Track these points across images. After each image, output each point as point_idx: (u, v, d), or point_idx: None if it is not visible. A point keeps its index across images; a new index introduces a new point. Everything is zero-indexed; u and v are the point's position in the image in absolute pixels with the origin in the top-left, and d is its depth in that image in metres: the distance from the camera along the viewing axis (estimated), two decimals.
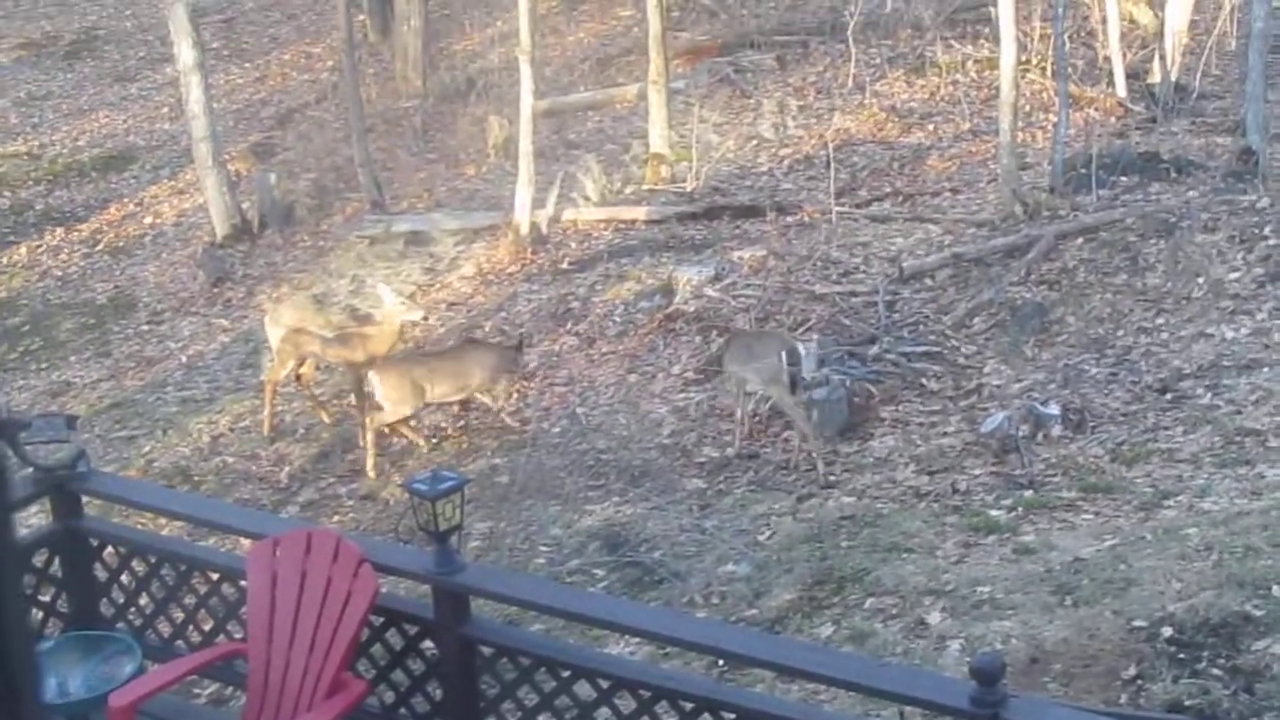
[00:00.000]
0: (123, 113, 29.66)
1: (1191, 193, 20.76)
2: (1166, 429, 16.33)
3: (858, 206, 22.34)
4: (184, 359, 21.59)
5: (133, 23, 30.06)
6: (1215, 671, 12.25)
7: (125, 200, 26.91)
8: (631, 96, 26.41)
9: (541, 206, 22.54)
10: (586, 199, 23.19)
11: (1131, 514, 14.82)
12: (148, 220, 26.35)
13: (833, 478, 16.33)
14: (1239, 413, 16.33)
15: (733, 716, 8.19)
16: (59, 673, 9.17)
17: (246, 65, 30.16)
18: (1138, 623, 12.90)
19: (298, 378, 19.05)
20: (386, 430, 18.13)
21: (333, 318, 19.14)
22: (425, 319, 19.09)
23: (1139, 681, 12.29)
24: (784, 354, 16.85)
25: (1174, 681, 12.18)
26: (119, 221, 26.29)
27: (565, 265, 21.67)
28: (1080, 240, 19.89)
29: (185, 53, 25.03)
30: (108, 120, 29.61)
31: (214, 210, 24.91)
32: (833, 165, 22.98)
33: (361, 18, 28.87)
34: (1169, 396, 16.90)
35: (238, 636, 9.64)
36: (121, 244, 25.64)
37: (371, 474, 17.75)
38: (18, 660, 1.04)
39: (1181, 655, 12.47)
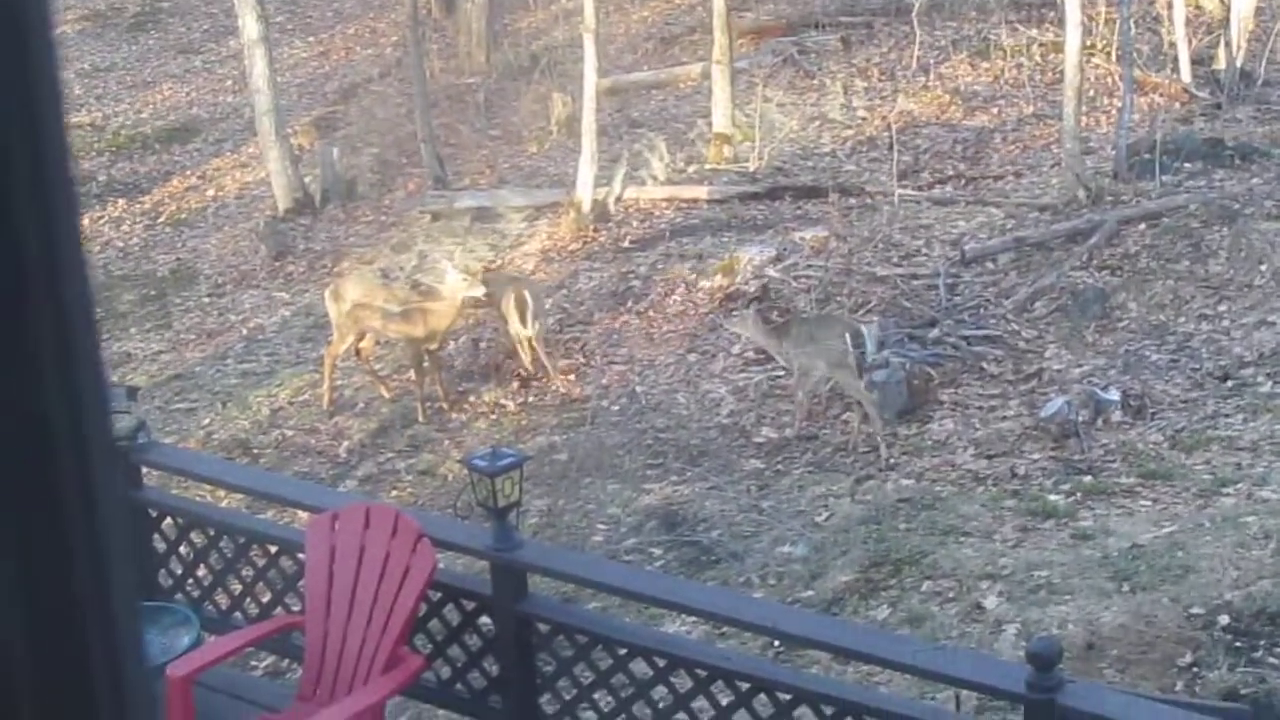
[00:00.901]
0: (186, 85, 29.75)
1: (1255, 180, 20.69)
2: (1227, 416, 16.28)
3: (920, 189, 22.31)
4: (244, 332, 21.64)
5: None
6: (1272, 660, 12.23)
7: (188, 173, 26.99)
8: (695, 75, 26.41)
9: (604, 184, 22.54)
10: (653, 178, 23.19)
11: (1190, 501, 14.78)
12: (210, 193, 26.42)
13: (891, 460, 16.30)
14: None
15: (788, 697, 8.20)
16: None
17: (310, 39, 30.22)
18: (1195, 610, 12.87)
19: (357, 352, 19.08)
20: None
21: (395, 292, 19.14)
22: (488, 295, 19.09)
23: (1195, 669, 12.28)
24: (848, 336, 16.84)
25: (1230, 670, 12.15)
26: (181, 194, 26.38)
27: (627, 243, 21.68)
28: (1143, 226, 19.84)
29: (250, 26, 25.08)
30: (171, 93, 29.71)
31: (276, 184, 24.95)
32: (896, 147, 22.94)
33: None
34: (1229, 384, 16.85)
35: (295, 609, 9.68)
36: (183, 216, 25.72)
37: (558, 377, 18.03)
38: (124, 622, 1.07)
39: (1238, 643, 12.45)
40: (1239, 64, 24.18)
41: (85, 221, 25.23)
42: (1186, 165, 21.22)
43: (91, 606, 1.07)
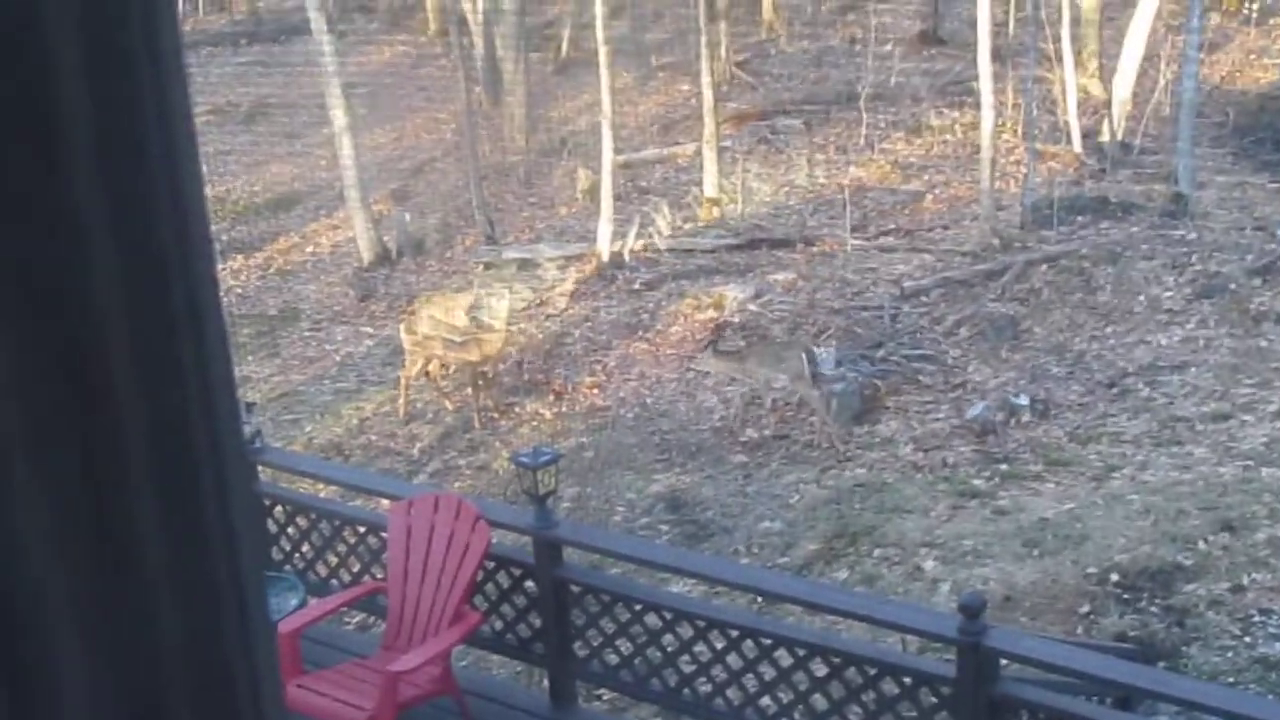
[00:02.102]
0: (289, 164, 29.78)
1: (1134, 229, 20.69)
2: (1114, 416, 16.30)
3: (868, 239, 22.30)
4: (337, 359, 21.66)
5: (297, 93, 30.18)
6: (1153, 609, 12.22)
7: (291, 234, 27.01)
8: (690, 152, 26.40)
9: (621, 239, 22.56)
10: (658, 233, 23.18)
11: (1086, 483, 14.80)
12: (309, 250, 26.44)
13: (846, 453, 16.31)
14: (1172, 403, 16.31)
15: (769, 642, 8.18)
16: None
17: (387, 127, 30.23)
18: (1091, 570, 12.87)
19: (427, 374, 19.09)
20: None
21: (456, 325, 19.16)
22: (532, 327, 19.10)
23: (1092, 616, 12.27)
24: (804, 356, 16.97)
25: (1120, 617, 12.15)
26: (286, 251, 26.40)
27: (638, 285, 21.68)
28: (1045, 266, 19.84)
29: (339, 117, 25.11)
30: (277, 170, 29.73)
31: (361, 242, 24.99)
32: (848, 207, 22.94)
33: (477, 90, 28.89)
34: (1116, 390, 16.86)
35: (379, 577, 9.67)
36: (288, 268, 25.73)
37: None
38: (253, 590, 1.06)
39: (1126, 596, 12.45)
40: (1120, 137, 24.19)
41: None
42: (1079, 218, 21.23)
43: (226, 579, 1.06)
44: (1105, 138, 24.27)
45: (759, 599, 11.63)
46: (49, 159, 0.91)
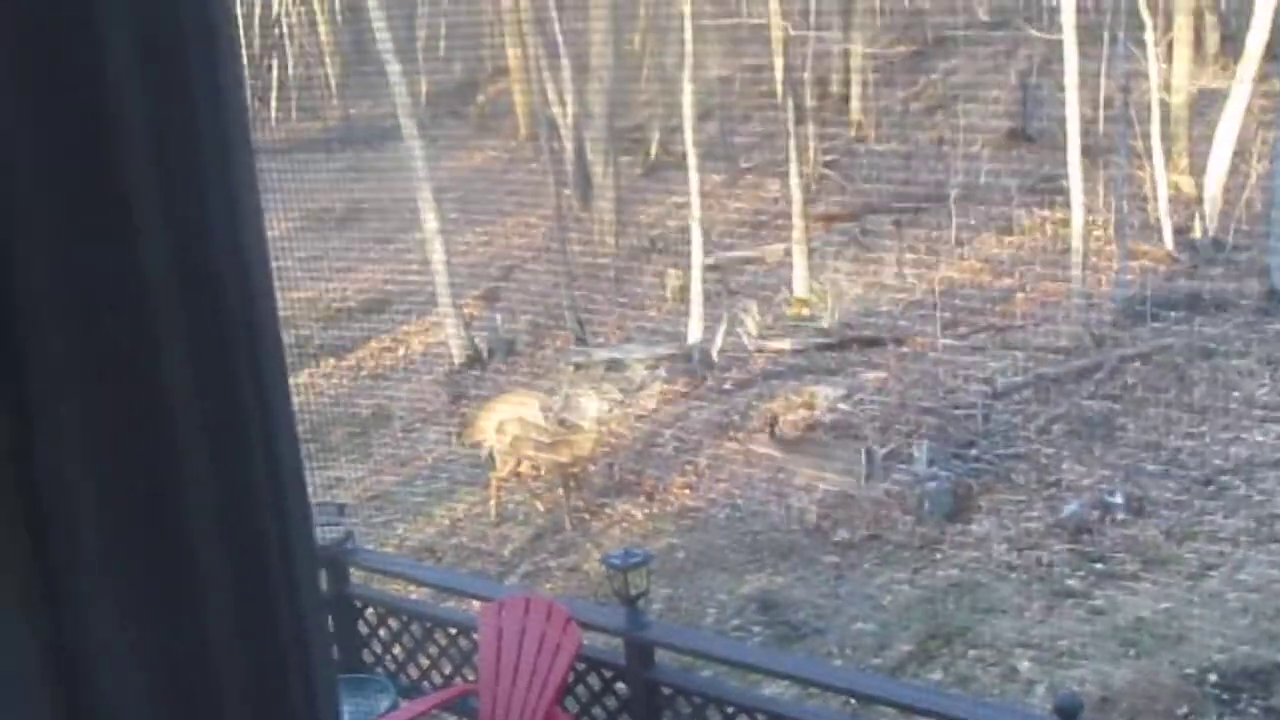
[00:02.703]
0: (381, 267, 29.98)
1: (1227, 325, 20.55)
2: (1210, 514, 16.14)
3: (959, 338, 22.22)
4: (429, 460, 21.72)
5: (389, 198, 30.41)
6: (1253, 711, 12.07)
7: (383, 336, 27.17)
8: (779, 253, 26.42)
9: (711, 339, 22.58)
10: (748, 334, 23.18)
11: (1182, 582, 14.65)
12: (400, 352, 26.57)
13: (939, 554, 16.22)
14: (1269, 500, 16.15)
15: None
16: None
17: (478, 230, 30.42)
18: (1188, 670, 12.72)
19: (518, 475, 19.12)
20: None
21: (547, 427, 19.23)
22: (623, 428, 19.15)
23: (1190, 718, 12.11)
24: (864, 453, 17.14)
25: (1219, 718, 11.99)
26: (378, 353, 26.54)
27: (728, 385, 21.67)
28: (1138, 363, 19.73)
29: (430, 221, 25.32)
30: (370, 273, 29.95)
31: (453, 344, 25.11)
32: (939, 305, 22.89)
33: (567, 192, 29.05)
34: (1211, 488, 16.71)
35: (471, 679, 9.67)
36: (380, 370, 25.86)
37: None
38: (323, 689, 1.06)
39: (1225, 697, 12.30)
40: (1211, 233, 24.06)
41: (305, 376, 25.49)
42: (1171, 314, 21.09)
43: (296, 677, 1.07)
44: (1197, 234, 24.14)
45: (852, 701, 11.54)
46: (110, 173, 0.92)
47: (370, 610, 10.54)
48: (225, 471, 0.99)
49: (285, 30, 38.48)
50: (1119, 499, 16.50)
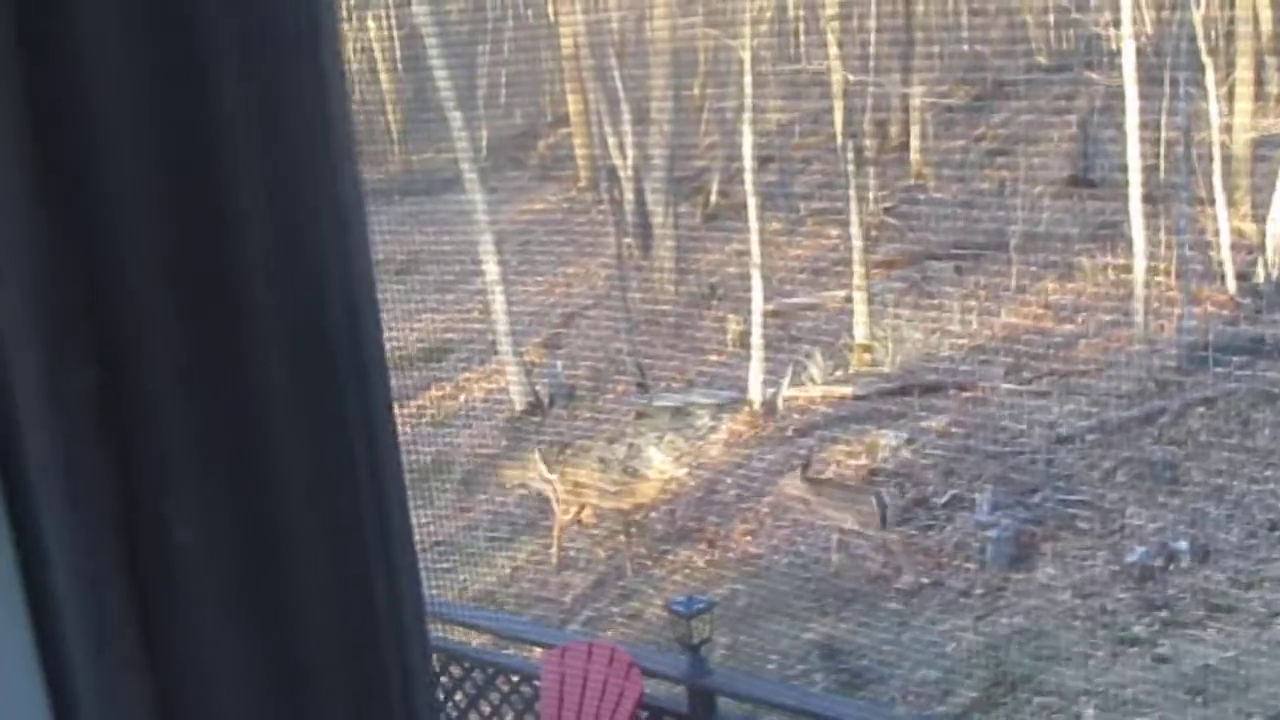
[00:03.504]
0: (442, 315, 30.09)
1: None
2: (1276, 560, 16.03)
3: (1022, 384, 22.16)
4: (490, 507, 21.77)
5: (450, 246, 30.53)
6: None
7: (444, 383, 27.24)
8: (840, 299, 26.41)
9: (772, 386, 22.58)
10: (811, 379, 23.17)
11: (1249, 629, 14.56)
12: (461, 399, 26.65)
13: (1003, 601, 16.16)
14: None
15: None
16: None
17: (539, 278, 30.53)
18: (1256, 718, 12.62)
19: (579, 522, 19.15)
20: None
21: (610, 474, 19.27)
22: (685, 475, 19.18)
23: None
24: (874, 500, 17.13)
25: None
26: (439, 400, 26.62)
27: (790, 432, 21.66)
28: (1202, 409, 19.64)
29: (491, 269, 25.45)
30: (430, 321, 30.05)
31: (513, 390, 25.19)
32: (1001, 351, 22.84)
33: (627, 240, 29.12)
34: (1277, 534, 16.60)
35: None
36: (441, 418, 25.94)
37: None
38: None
39: None
40: (1274, 277, 23.94)
41: None
42: (1235, 359, 20.98)
43: (397, 698, 1.08)
44: (1260, 278, 24.01)
45: None
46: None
47: (432, 658, 10.58)
48: (327, 495, 1.00)
49: (347, 78, 38.72)
50: (1184, 545, 16.42)
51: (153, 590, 0.95)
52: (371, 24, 37.19)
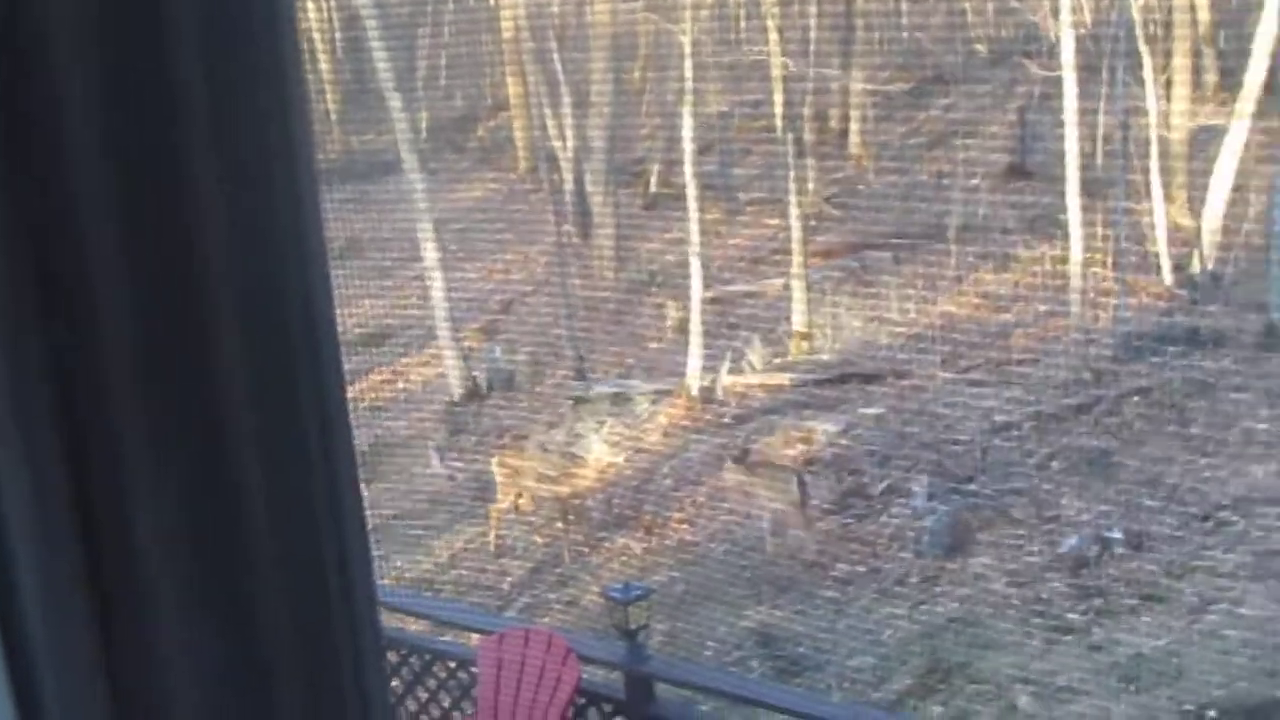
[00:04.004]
0: (381, 301, 30.00)
1: (1225, 360, 20.56)
2: (1209, 549, 16.15)
3: (958, 373, 22.25)
4: (427, 493, 21.73)
5: (389, 230, 30.44)
6: None
7: (383, 369, 27.16)
8: (778, 286, 26.45)
9: (710, 373, 22.60)
10: (750, 366, 23.21)
11: (1182, 618, 14.66)
12: (400, 385, 26.58)
13: (938, 589, 16.22)
14: (1267, 536, 16.16)
15: None
16: None
17: (477, 264, 30.45)
18: (1187, 706, 12.73)
19: (516, 508, 19.13)
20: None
21: (550, 459, 19.28)
22: (622, 462, 19.20)
23: None
24: (795, 480, 17.20)
25: None
26: (378, 386, 26.54)
27: (728, 420, 21.69)
28: (1137, 399, 19.75)
29: (430, 254, 25.39)
30: (370, 306, 29.96)
31: (452, 377, 25.13)
32: (938, 340, 22.92)
33: (567, 226, 29.09)
34: (1210, 523, 16.71)
35: (469, 712, 9.67)
36: (380, 403, 25.87)
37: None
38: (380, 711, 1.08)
39: None
40: (1210, 268, 24.09)
41: None
42: (1170, 349, 21.11)
43: (350, 682, 1.08)
44: (1195, 269, 24.17)
45: None
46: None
47: (383, 642, 10.55)
48: (282, 483, 1.00)
49: None
50: (1118, 534, 16.52)
51: (115, 592, 0.95)
52: (311, 6, 36.98)
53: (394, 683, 10.45)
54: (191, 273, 0.96)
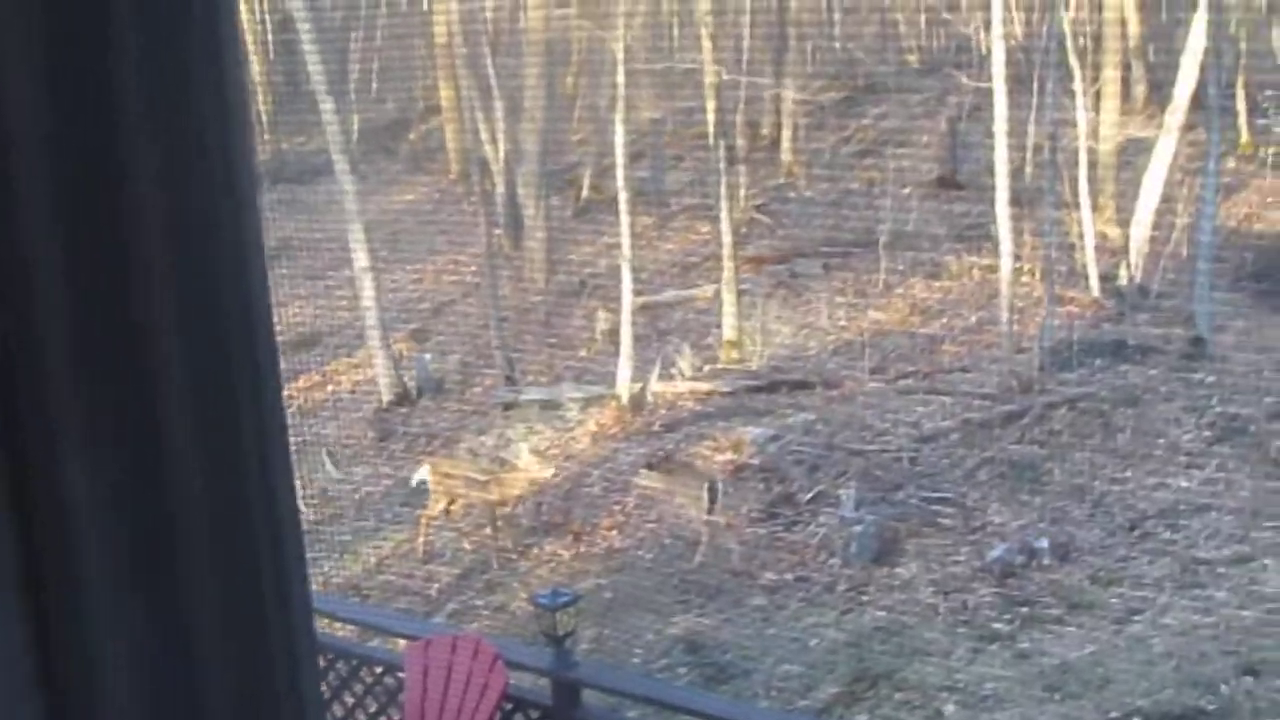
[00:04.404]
0: (311, 305, 29.89)
1: (1152, 371, 20.72)
2: (1135, 559, 16.27)
3: (887, 382, 22.33)
4: (356, 498, 21.65)
5: (320, 234, 30.35)
6: None
7: (312, 373, 27.06)
8: (709, 295, 26.50)
9: (640, 380, 22.61)
10: (680, 373, 23.24)
11: (1107, 627, 14.76)
12: (329, 389, 26.49)
13: (866, 597, 16.28)
14: (1193, 546, 16.28)
15: None
16: None
17: (408, 268, 30.39)
18: (1113, 714, 12.81)
19: (447, 513, 19.10)
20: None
21: (481, 466, 19.27)
22: (551, 473, 19.21)
23: None
24: (705, 488, 17.42)
25: None
26: (307, 390, 26.44)
27: (657, 426, 21.71)
28: (1064, 409, 19.87)
29: (360, 258, 25.30)
30: (299, 310, 29.84)
31: (381, 382, 25.06)
32: (867, 349, 23.01)
33: (498, 232, 29.07)
34: (1136, 533, 16.84)
35: (396, 718, 9.64)
36: (309, 407, 25.77)
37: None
38: (311, 692, 1.08)
39: None
40: (1137, 280, 24.27)
41: None
42: (1097, 361, 21.27)
43: (286, 698, 1.08)
44: (1123, 281, 24.35)
45: None
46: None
47: (316, 632, 10.52)
48: (218, 482, 1.00)
49: None
50: (1045, 544, 16.61)
51: (49, 586, 0.95)
52: (244, 8, 36.82)
53: (320, 688, 10.43)
54: (129, 272, 0.96)
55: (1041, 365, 21.55)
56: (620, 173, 23.91)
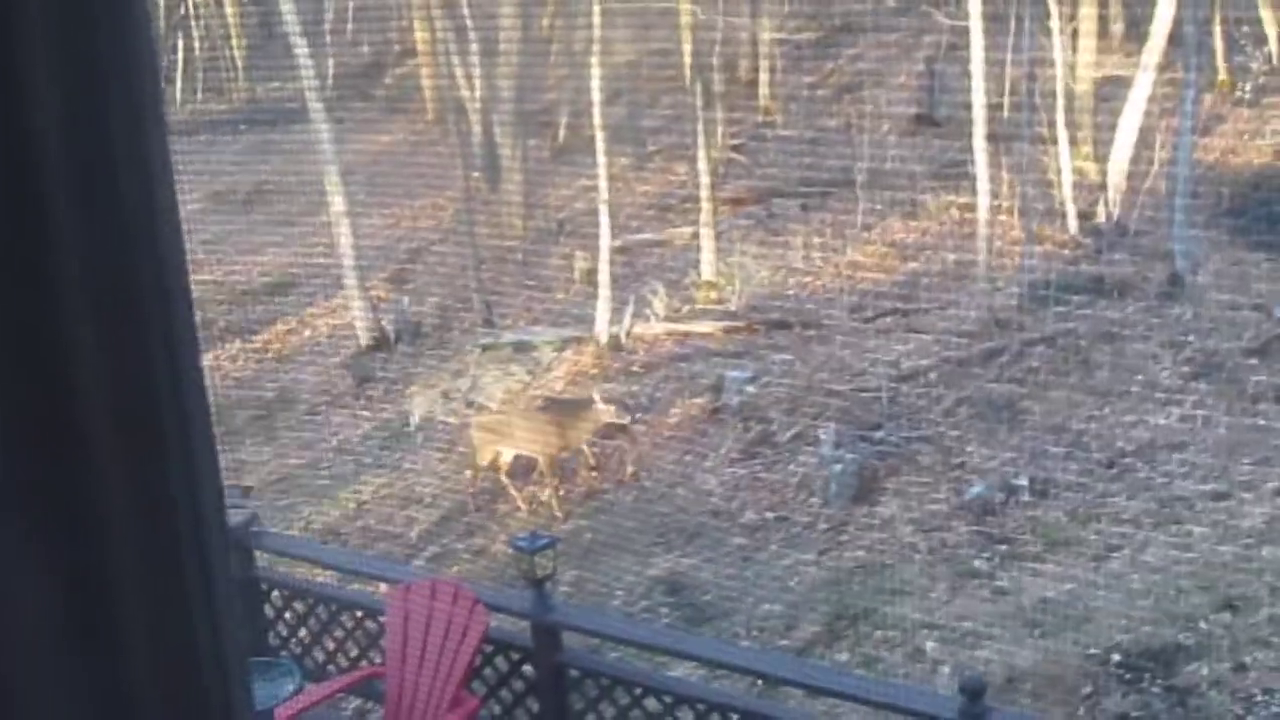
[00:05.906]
0: (287, 249, 29.76)
1: (1129, 309, 20.72)
2: (1113, 496, 16.28)
3: (865, 321, 22.30)
4: (334, 443, 21.61)
5: (295, 178, 30.18)
6: (1155, 690, 12.18)
7: (288, 318, 26.99)
8: (687, 236, 26.44)
9: (618, 322, 22.56)
10: (656, 316, 23.19)
11: (1086, 564, 14.78)
12: (306, 334, 26.42)
13: (845, 536, 16.27)
14: (1170, 483, 16.30)
15: None
16: None
17: (385, 212, 30.28)
18: (1092, 650, 12.83)
19: (494, 465, 18.69)
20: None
21: (453, 409, 19.21)
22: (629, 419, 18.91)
23: (1094, 698, 12.22)
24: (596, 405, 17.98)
25: (1122, 698, 12.10)
26: (283, 335, 26.37)
27: (636, 368, 21.67)
28: (1042, 347, 19.87)
29: (337, 202, 25.18)
30: (275, 255, 29.71)
31: (359, 326, 25.00)
32: (845, 289, 22.98)
33: (475, 175, 28.95)
34: (1114, 470, 16.85)
35: (377, 662, 9.63)
36: (285, 353, 25.70)
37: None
38: (235, 670, 1.03)
39: (1128, 676, 12.41)
40: (1115, 217, 24.24)
41: (210, 358, 25.26)
42: (1075, 298, 21.24)
43: (208, 659, 1.04)
44: (1101, 219, 24.32)
45: (759, 682, 11.56)
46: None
47: (276, 593, 10.47)
48: (137, 451, 0.96)
49: (191, 9, 38.13)
50: (1023, 481, 16.62)
51: None
52: None
53: (301, 633, 10.39)
54: (38, 242, 0.91)
55: (1020, 303, 21.54)
56: (597, 114, 23.80)
